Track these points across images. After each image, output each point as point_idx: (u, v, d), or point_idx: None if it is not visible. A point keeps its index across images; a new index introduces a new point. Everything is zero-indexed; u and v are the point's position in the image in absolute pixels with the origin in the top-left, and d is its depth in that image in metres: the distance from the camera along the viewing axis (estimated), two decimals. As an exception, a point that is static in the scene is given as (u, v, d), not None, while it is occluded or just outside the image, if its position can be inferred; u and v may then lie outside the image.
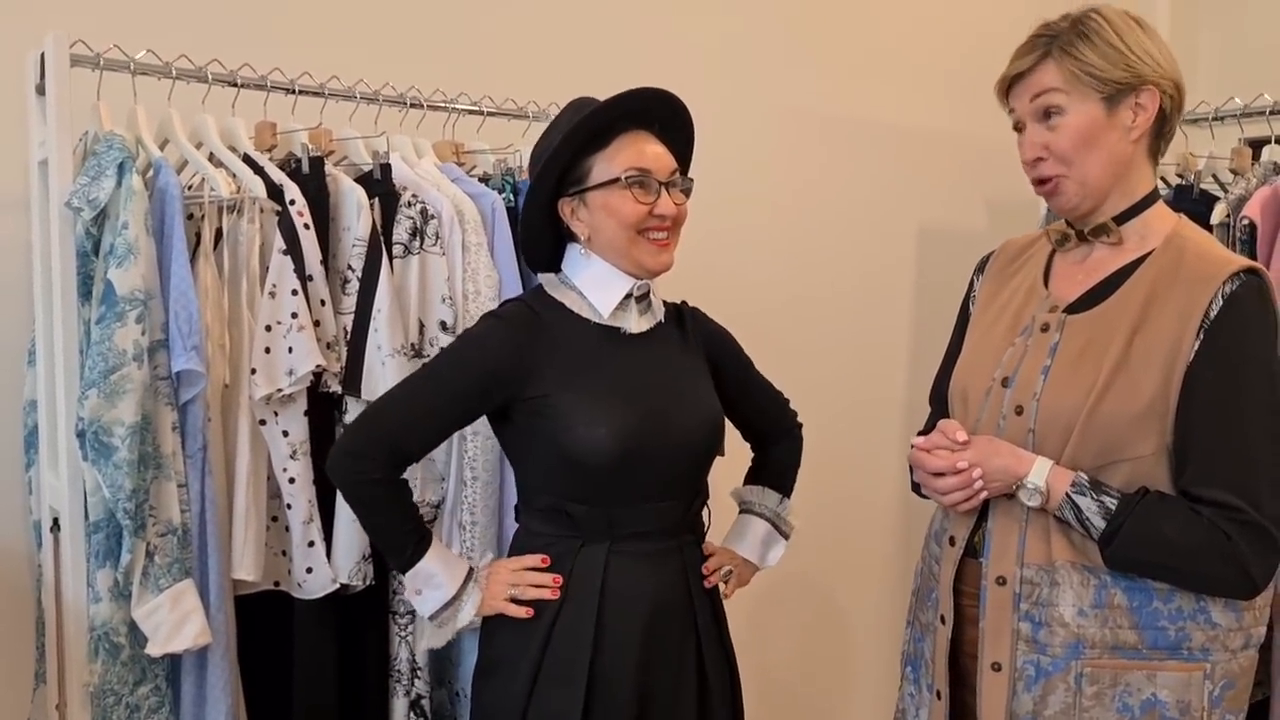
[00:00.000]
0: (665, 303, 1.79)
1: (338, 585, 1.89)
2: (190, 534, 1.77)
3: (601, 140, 1.64)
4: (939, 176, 3.24)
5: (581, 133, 1.63)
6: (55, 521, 1.85)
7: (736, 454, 1.94)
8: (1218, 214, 2.08)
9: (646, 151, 1.65)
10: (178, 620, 1.72)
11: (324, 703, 1.93)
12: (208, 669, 1.80)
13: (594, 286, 1.68)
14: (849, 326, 3.11)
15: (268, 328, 1.82)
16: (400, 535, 1.66)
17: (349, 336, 1.90)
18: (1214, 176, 2.27)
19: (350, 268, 1.91)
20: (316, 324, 1.86)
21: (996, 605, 1.51)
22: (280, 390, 1.82)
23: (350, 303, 1.90)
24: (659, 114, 1.69)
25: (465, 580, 1.67)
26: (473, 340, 1.69)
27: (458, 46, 2.44)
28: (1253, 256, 1.96)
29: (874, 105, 3.11)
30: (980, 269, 1.74)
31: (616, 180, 1.63)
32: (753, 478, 1.96)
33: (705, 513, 1.80)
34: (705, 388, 1.76)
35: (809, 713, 3.17)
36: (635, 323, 1.69)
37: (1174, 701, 1.44)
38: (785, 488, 1.97)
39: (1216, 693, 1.45)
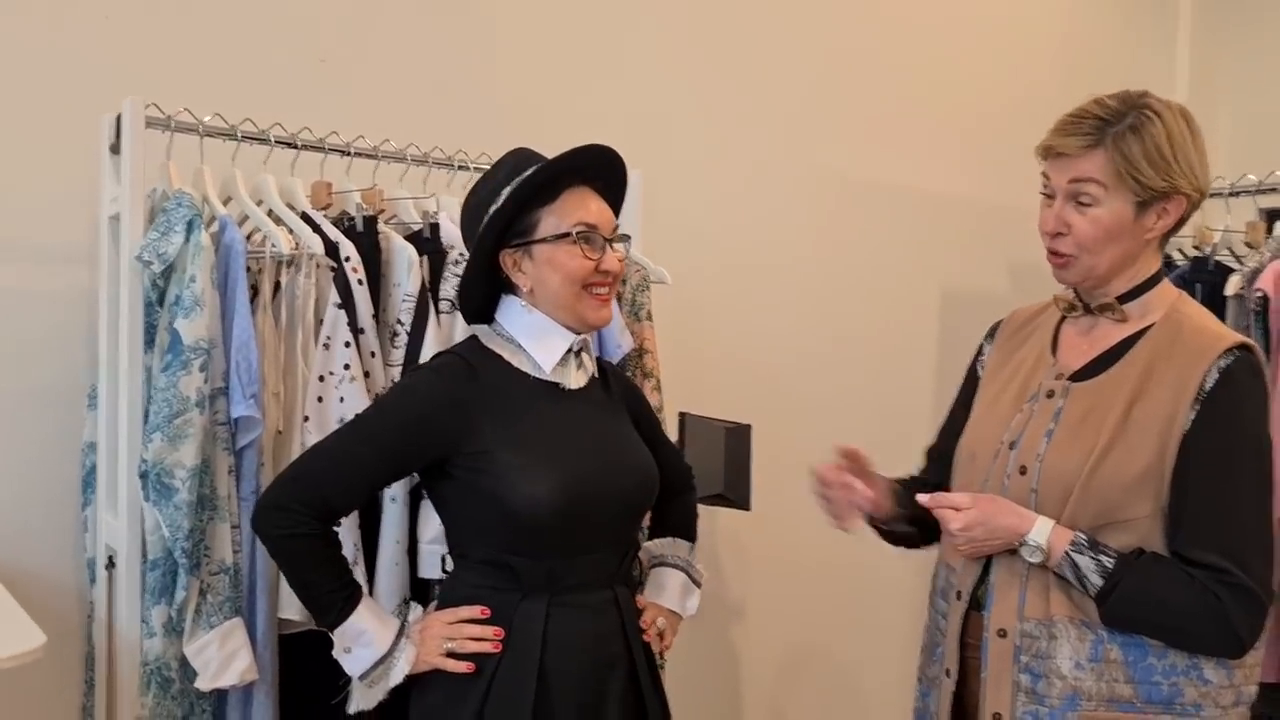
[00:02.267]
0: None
1: (379, 627, 1.95)
2: (241, 574, 1.85)
3: (549, 194, 1.63)
4: (962, 240, 3.34)
5: (530, 186, 1.61)
6: (110, 559, 1.93)
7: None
8: (1232, 286, 2.15)
9: (591, 208, 1.64)
10: (226, 657, 1.79)
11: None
12: (253, 705, 1.87)
13: (535, 341, 1.65)
14: (872, 387, 3.18)
15: (321, 378, 1.90)
16: (328, 592, 1.61)
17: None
18: (1229, 249, 2.35)
19: (400, 322, 2.00)
20: (366, 375, 1.95)
21: (997, 657, 1.57)
22: (331, 437, 1.90)
23: (399, 355, 1.99)
24: (601, 171, 1.69)
25: (397, 636, 1.62)
26: (405, 394, 1.66)
27: (504, 112, 2.55)
28: (1265, 327, 2.04)
29: (899, 170, 3.21)
30: (990, 335, 1.82)
31: (566, 235, 1.61)
32: (659, 531, 1.93)
33: (635, 564, 1.79)
34: (638, 442, 1.75)
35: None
36: (574, 379, 1.68)
37: None
38: (692, 535, 1.93)
39: None
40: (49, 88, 2.13)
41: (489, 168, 1.72)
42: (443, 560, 1.79)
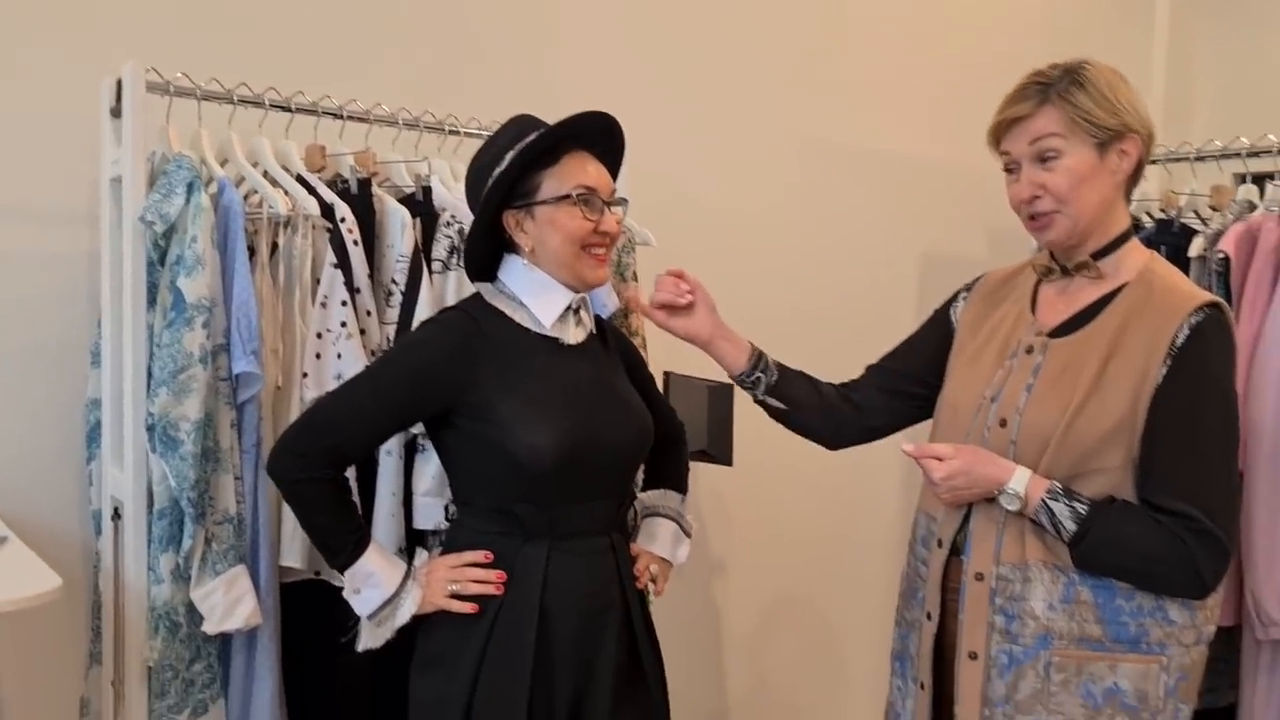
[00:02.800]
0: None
1: (375, 575, 2.04)
2: (245, 523, 1.92)
3: (550, 158, 1.71)
4: (941, 204, 3.41)
5: (532, 150, 1.69)
6: (116, 510, 2.01)
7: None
8: (1195, 247, 2.23)
9: (590, 171, 1.73)
10: (232, 602, 1.87)
11: (359, 684, 2.07)
12: (256, 648, 1.95)
13: (536, 298, 1.74)
14: (853, 348, 3.23)
15: (319, 335, 1.97)
16: (338, 535, 1.70)
17: (391, 345, 2.06)
18: (1195, 212, 2.43)
19: (394, 281, 2.07)
20: (362, 332, 2.02)
21: (974, 599, 1.66)
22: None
23: (394, 314, 2.06)
24: (600, 137, 1.77)
25: (404, 578, 1.71)
26: (412, 347, 1.75)
27: (494, 78, 2.61)
28: (1227, 287, 2.12)
29: (881, 136, 3.28)
30: (967, 288, 1.91)
31: (567, 197, 1.70)
32: (651, 483, 2.02)
33: (631, 513, 1.89)
34: (634, 395, 1.84)
35: (810, 708, 3.32)
36: (572, 334, 1.77)
37: (1133, 690, 1.59)
38: (683, 487, 2.03)
39: (1171, 684, 1.60)
40: (45, 53, 2.18)
41: (492, 133, 1.79)
42: (446, 509, 1.86)
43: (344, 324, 1.97)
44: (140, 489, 1.90)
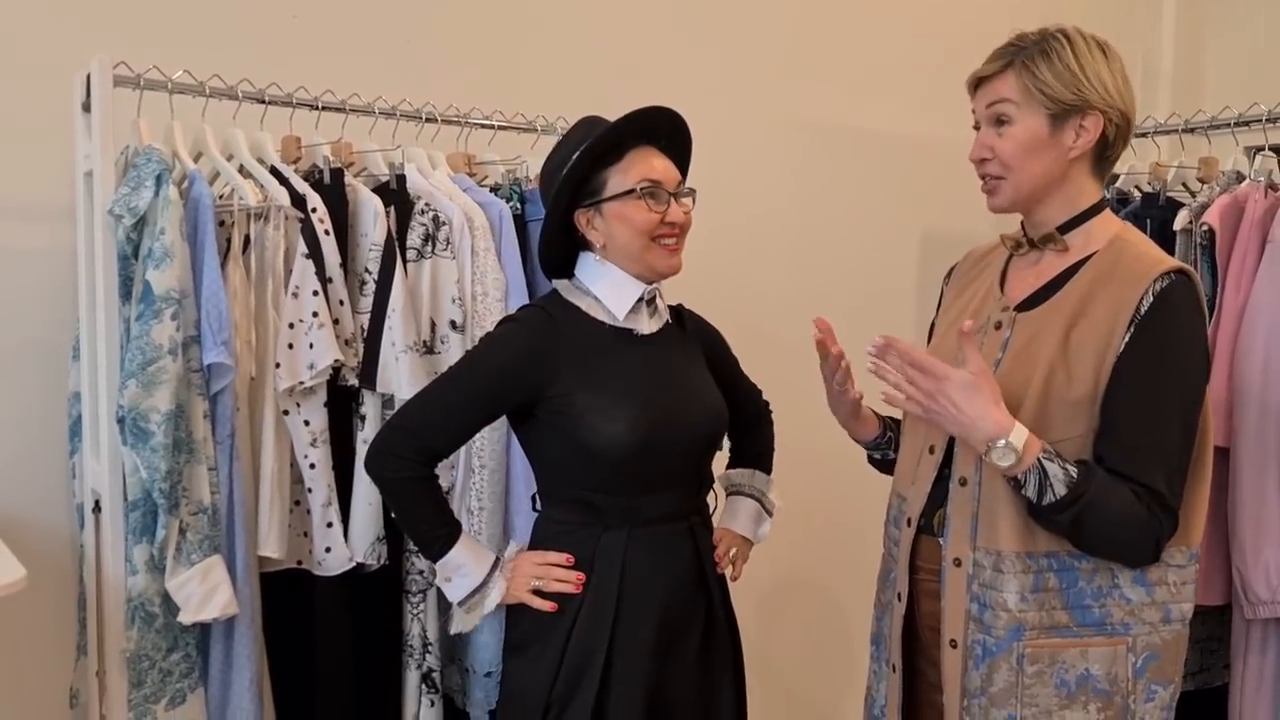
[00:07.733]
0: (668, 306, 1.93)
1: (354, 564, 2.05)
2: (219, 513, 1.93)
3: (615, 155, 1.78)
4: (940, 184, 3.35)
5: (598, 148, 1.76)
6: (96, 503, 2.02)
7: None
8: (1180, 220, 2.17)
9: (655, 165, 1.79)
10: (207, 592, 1.88)
11: (341, 673, 2.08)
12: (234, 638, 1.96)
13: (609, 291, 1.80)
14: (854, 332, 3.21)
15: (291, 325, 1.97)
16: (431, 528, 1.80)
17: (365, 334, 2.06)
18: (1184, 185, 2.37)
19: (367, 270, 2.07)
20: (336, 322, 2.02)
21: (953, 585, 1.61)
22: (302, 383, 1.97)
23: (367, 303, 2.06)
24: (664, 130, 1.83)
25: (491, 570, 1.80)
26: (493, 344, 1.82)
27: (472, 64, 2.60)
28: (1212, 260, 2.07)
29: (877, 117, 3.23)
30: (947, 277, 1.88)
31: (631, 191, 1.76)
32: (737, 462, 2.09)
33: (711, 496, 1.94)
34: (709, 382, 1.90)
35: (813, 696, 3.30)
36: (646, 325, 1.83)
37: (1103, 674, 1.55)
38: (768, 468, 2.10)
39: (1139, 664, 1.55)
40: (26, 46, 2.19)
41: (562, 135, 1.85)
42: (533, 500, 1.91)
43: (316, 314, 1.97)
44: (117, 481, 1.91)
